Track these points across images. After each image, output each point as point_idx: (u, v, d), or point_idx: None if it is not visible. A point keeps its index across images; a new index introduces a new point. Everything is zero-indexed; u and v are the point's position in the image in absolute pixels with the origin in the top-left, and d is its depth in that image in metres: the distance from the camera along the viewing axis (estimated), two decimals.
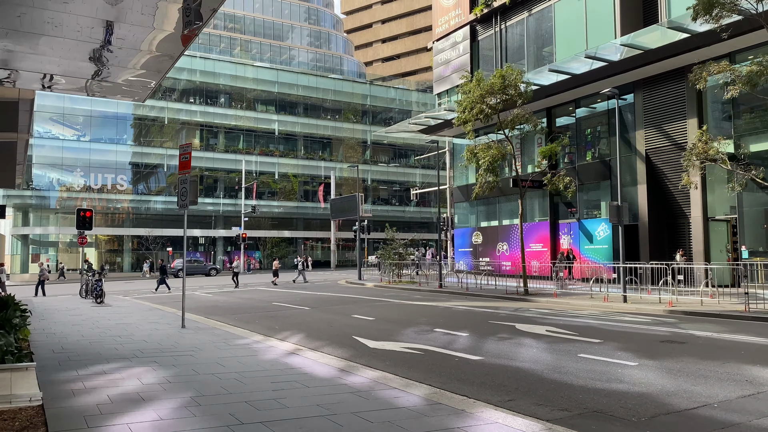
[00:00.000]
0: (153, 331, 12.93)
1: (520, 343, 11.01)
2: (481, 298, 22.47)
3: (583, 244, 29.68)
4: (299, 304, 20.16)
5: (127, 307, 19.47)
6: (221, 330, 13.15)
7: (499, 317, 15.42)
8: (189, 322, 14.20)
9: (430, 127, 37.02)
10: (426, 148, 74.86)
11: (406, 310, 17.79)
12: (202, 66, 63.04)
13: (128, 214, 59.64)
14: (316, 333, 13.01)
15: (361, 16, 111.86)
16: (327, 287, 30.72)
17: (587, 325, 13.57)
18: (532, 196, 33.70)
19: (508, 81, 22.22)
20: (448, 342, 11.34)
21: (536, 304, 19.96)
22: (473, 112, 22.14)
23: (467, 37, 35.92)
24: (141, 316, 16.57)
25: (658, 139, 26.68)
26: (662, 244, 26.57)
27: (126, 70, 11.10)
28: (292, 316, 16.67)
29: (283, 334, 12.91)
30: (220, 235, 63.01)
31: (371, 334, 12.41)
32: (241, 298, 23.95)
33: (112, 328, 13.48)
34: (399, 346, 10.92)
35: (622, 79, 27.14)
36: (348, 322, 14.90)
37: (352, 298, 22.98)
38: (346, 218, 62.19)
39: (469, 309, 17.99)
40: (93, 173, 57.40)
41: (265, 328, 14.05)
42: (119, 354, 9.87)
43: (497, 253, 34.73)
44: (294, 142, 68.49)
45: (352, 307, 18.84)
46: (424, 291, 26.34)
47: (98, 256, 60.73)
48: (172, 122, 61.47)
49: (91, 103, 56.63)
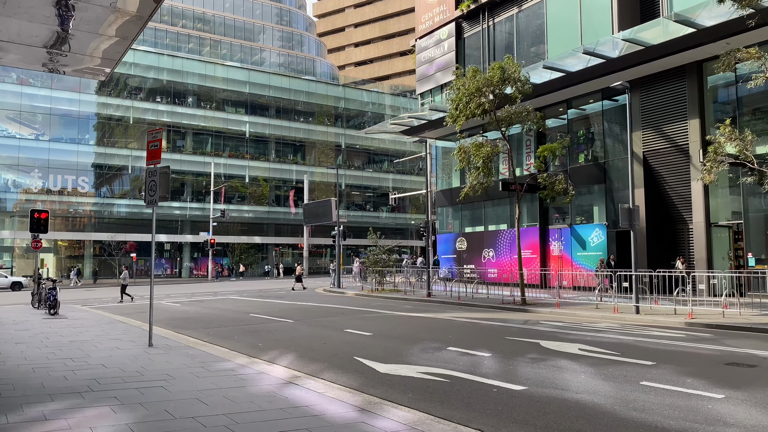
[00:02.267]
0: (114, 351, 10.84)
1: (559, 367, 9.26)
2: (477, 308, 20.75)
3: (576, 250, 28.25)
4: (280, 316, 18.15)
5: (85, 320, 17.21)
6: (196, 349, 11.11)
7: (513, 332, 13.68)
8: (157, 339, 12.13)
9: (413, 128, 35.33)
10: (401, 152, 73.50)
11: (403, 324, 15.94)
12: (170, 64, 60.44)
13: (90, 218, 56.58)
14: (309, 353, 11.07)
15: (333, 20, 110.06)
16: (305, 296, 28.68)
17: (619, 341, 11.90)
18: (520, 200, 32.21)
19: (507, 74, 20.61)
20: (471, 365, 9.53)
21: (541, 315, 18.31)
22: (470, 107, 20.43)
23: (452, 35, 34.36)
24: (100, 330, 14.39)
25: (656, 140, 25.41)
26: (660, 250, 25.26)
27: (91, 37, 9.09)
28: (276, 330, 14.68)
29: (270, 354, 10.95)
30: (186, 241, 60.29)
31: (375, 354, 10.54)
32: (214, 309, 21.81)
33: (64, 348, 11.33)
34: (414, 370, 9.07)
35: (619, 77, 25.73)
36: (343, 339, 12.98)
37: (337, 308, 21.03)
38: (319, 224, 60.16)
39: (472, 322, 16.23)
40: (52, 175, 54.27)
41: (247, 346, 12.06)
42: (69, 386, 7.79)
43: (483, 259, 33.12)
44: (265, 144, 66.18)
45: (341, 320, 16.92)
46: (412, 300, 24.53)
47: (57, 262, 57.49)
48: (138, 122, 58.67)
49: (51, 101, 53.65)
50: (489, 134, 25.94)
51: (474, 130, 34.08)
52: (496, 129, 22.23)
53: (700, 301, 18.25)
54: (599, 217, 27.98)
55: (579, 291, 24.50)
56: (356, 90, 75.36)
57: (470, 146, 21.98)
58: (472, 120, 22.93)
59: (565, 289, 25.34)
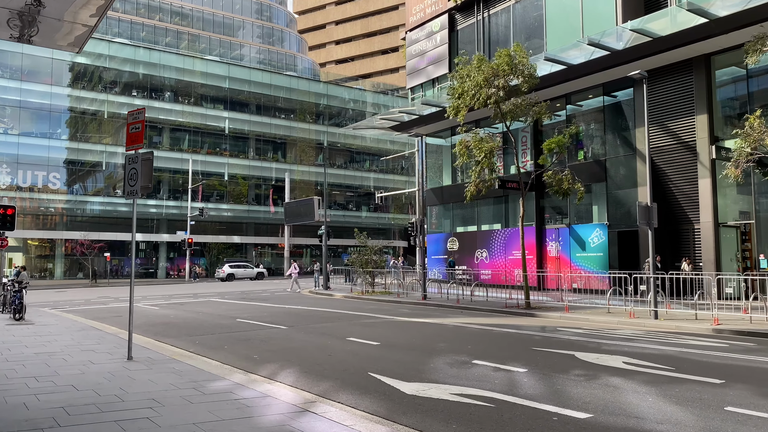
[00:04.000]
0: (87, 367, 9.28)
1: (615, 386, 7.95)
2: (480, 313, 19.44)
3: (575, 251, 27.13)
4: (270, 322, 16.65)
5: (54, 326, 15.53)
6: (184, 363, 9.60)
7: (537, 341, 12.37)
8: (137, 350, 10.59)
9: (404, 123, 33.97)
10: (384, 151, 72.08)
11: (410, 331, 14.55)
12: (147, 57, 58.30)
13: (62, 216, 54.23)
14: (314, 367, 9.63)
15: (314, 17, 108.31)
16: (291, 298, 27.16)
17: (661, 352, 10.64)
18: (514, 198, 31.06)
19: (516, 62, 19.33)
20: (509, 383, 8.18)
21: (553, 320, 17.09)
22: (479, 98, 19.06)
23: (445, 27, 33.05)
24: (71, 339, 12.77)
25: (661, 137, 24.37)
26: (664, 251, 24.23)
27: None
28: (270, 338, 13.18)
29: (268, 368, 9.50)
30: (163, 240, 58.20)
31: (392, 370, 9.14)
32: (197, 313, 20.21)
33: (28, 362, 9.74)
34: (446, 391, 7.69)
35: (621, 71, 24.72)
36: (348, 349, 11.55)
37: (330, 313, 19.57)
38: (301, 223, 58.47)
39: (485, 329, 14.90)
40: (21, 171, 51.84)
41: (241, 358, 10.58)
42: (30, 418, 6.26)
43: (476, 260, 31.88)
44: (245, 142, 64.31)
45: (339, 327, 15.47)
46: (406, 303, 23.15)
47: (27, 261, 55.04)
48: (113, 117, 56.46)
49: (21, 94, 51.24)
50: (483, 129, 24.71)
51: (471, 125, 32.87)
52: (500, 122, 20.95)
53: (718, 305, 17.17)
54: (599, 216, 26.90)
55: (581, 294, 23.32)
56: (339, 87, 73.75)
57: (471, 140, 20.64)
58: (470, 113, 21.68)
59: (561, 291, 24.20)
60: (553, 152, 20.33)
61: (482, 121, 29.58)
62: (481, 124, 29.64)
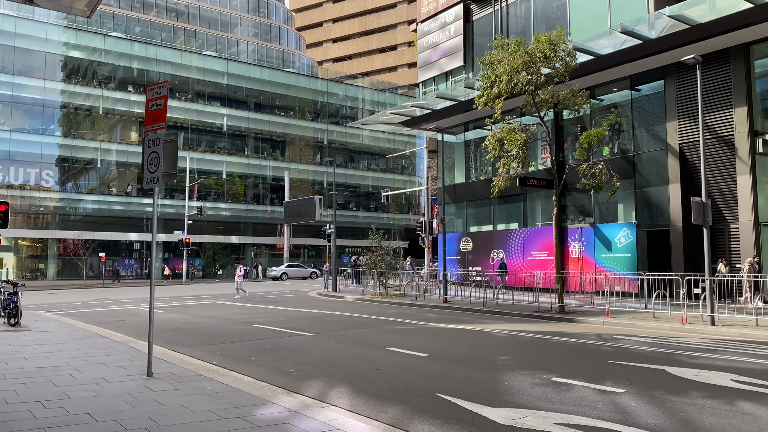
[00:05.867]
0: (102, 386, 7.80)
1: (750, 414, 6.57)
2: (514, 317, 18.05)
3: (599, 252, 25.80)
4: (291, 328, 15.18)
5: (54, 333, 14.00)
6: (215, 381, 8.13)
7: (611, 353, 10.98)
8: (155, 362, 9.10)
9: (415, 118, 32.57)
10: (385, 150, 70.62)
11: (454, 340, 13.12)
12: (143, 52, 56.60)
13: (54, 214, 52.43)
14: (366, 385, 8.19)
15: (311, 14, 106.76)
16: (301, 301, 25.70)
17: (765, 368, 9.28)
18: (533, 197, 29.75)
19: (555, 47, 17.95)
20: (619, 410, 6.78)
21: (599, 326, 15.74)
22: (515, 84, 17.65)
23: (460, 18, 31.65)
24: (76, 349, 11.27)
25: (694, 131, 23.04)
26: (695, 252, 22.98)
27: None
28: (300, 348, 11.72)
29: (314, 386, 8.06)
30: (159, 240, 56.46)
31: (465, 390, 7.72)
32: (206, 317, 18.71)
33: (30, 379, 8.25)
34: (548, 421, 6.28)
35: (651, 63, 23.53)
36: (395, 362, 10.11)
37: (352, 317, 18.12)
38: (301, 223, 56.93)
39: (538, 337, 13.51)
40: (13, 168, 50.02)
41: (276, 372, 9.14)
42: None
43: (491, 261, 30.51)
44: (243, 139, 62.71)
45: (370, 334, 14.04)
46: (427, 307, 21.75)
47: (18, 262, 53.23)
48: (108, 113, 54.75)
49: (13, 88, 49.45)
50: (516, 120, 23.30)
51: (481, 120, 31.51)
52: (534, 113, 19.57)
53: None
54: (625, 215, 25.60)
55: (609, 297, 21.93)
56: (339, 84, 72.17)
57: (503, 131, 19.23)
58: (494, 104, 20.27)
59: (587, 294, 22.88)
60: (592, 146, 18.93)
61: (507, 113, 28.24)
62: (523, 113, 28.22)
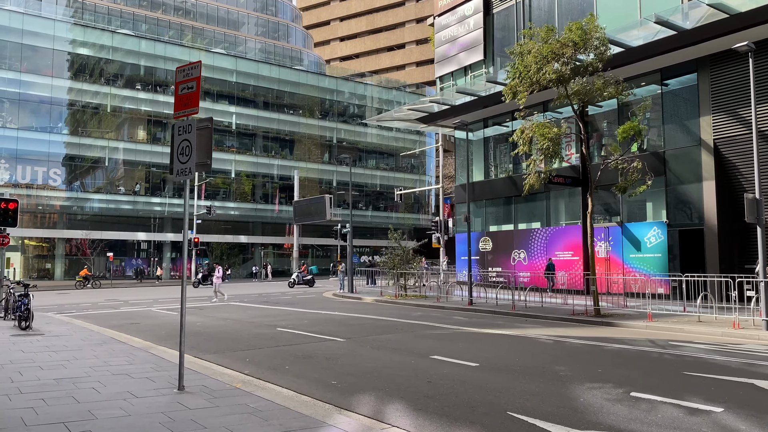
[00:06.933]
0: (130, 402, 6.93)
1: None
2: (551, 321, 17.14)
3: (628, 252, 24.83)
4: (319, 332, 14.31)
5: (68, 337, 13.16)
6: (255, 396, 7.26)
7: (683, 364, 10.08)
8: (186, 374, 8.20)
9: (432, 114, 31.66)
10: (394, 149, 69.82)
11: (499, 347, 12.22)
12: (151, 50, 55.84)
13: (61, 214, 51.68)
14: (426, 401, 7.30)
15: (318, 13, 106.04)
16: (318, 303, 24.84)
17: None
18: (557, 195, 28.81)
19: (588, 36, 17.06)
20: None
21: (643, 330, 14.86)
22: (544, 74, 16.75)
23: (479, 10, 30.72)
24: (94, 356, 10.42)
25: (730, 126, 22.11)
26: (730, 252, 22.08)
27: None
28: (335, 355, 10.84)
29: (365, 402, 7.19)
30: (167, 240, 55.74)
31: (538, 408, 6.84)
32: (224, 319, 17.85)
33: (48, 393, 7.38)
34: None
35: (683, 55, 22.56)
36: (445, 372, 9.21)
37: (379, 321, 17.24)
38: (311, 222, 56.06)
39: (589, 344, 12.60)
40: (21, 166, 49.34)
41: (317, 384, 8.27)
42: None
43: (512, 262, 29.59)
44: (252, 138, 61.90)
45: (404, 340, 13.15)
46: (452, 309, 20.85)
47: (24, 262, 52.55)
48: (115, 111, 54.00)
49: (21, 86, 48.72)
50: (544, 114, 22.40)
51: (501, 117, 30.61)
52: (565, 105, 18.68)
53: None
54: (655, 214, 24.64)
55: (638, 298, 20.97)
56: (349, 82, 71.27)
57: (533, 126, 18.34)
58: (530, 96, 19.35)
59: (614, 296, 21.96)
60: (628, 140, 18.02)
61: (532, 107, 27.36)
62: (553, 106, 27.29)
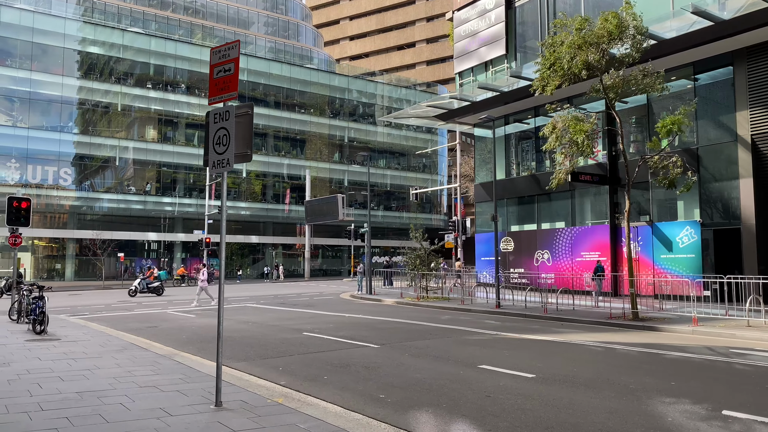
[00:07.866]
0: (164, 422, 6.16)
1: None
2: (587, 326, 16.27)
3: (659, 252, 23.96)
4: (349, 337, 13.53)
5: (86, 342, 12.43)
6: (302, 414, 6.48)
7: (755, 374, 9.26)
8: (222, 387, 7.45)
9: (451, 111, 30.85)
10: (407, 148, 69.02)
11: (549, 355, 11.38)
12: (162, 48, 55.22)
13: (72, 214, 51.12)
14: (493, 420, 6.51)
15: (327, 12, 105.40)
16: (337, 305, 24.06)
17: None
18: (582, 194, 27.94)
19: (624, 25, 16.22)
20: None
21: (690, 336, 14.00)
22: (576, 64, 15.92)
23: (501, 4, 29.87)
24: (116, 365, 9.68)
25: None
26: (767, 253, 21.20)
27: None
28: (375, 365, 10.04)
29: (423, 420, 6.41)
30: (178, 240, 55.11)
31: (618, 428, 6.05)
32: (245, 323, 17.09)
33: (71, 410, 6.62)
34: None
35: (719, 47, 21.66)
36: (501, 385, 8.40)
37: (407, 325, 16.45)
38: (323, 222, 55.35)
39: (645, 352, 11.76)
40: (31, 166, 48.80)
41: (365, 399, 7.48)
42: None
43: (535, 263, 28.77)
44: (263, 137, 61.20)
45: (443, 346, 12.34)
46: (480, 312, 20.03)
47: (34, 262, 52.03)
48: (126, 110, 53.40)
49: (31, 84, 48.18)
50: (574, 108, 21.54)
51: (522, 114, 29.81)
52: (598, 99, 17.84)
53: None
54: (687, 212, 23.74)
55: (673, 301, 20.11)
56: (359, 81, 70.46)
57: (565, 119, 17.52)
58: (556, 91, 18.52)
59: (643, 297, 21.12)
60: (670, 135, 17.15)
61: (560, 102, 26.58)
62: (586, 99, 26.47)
